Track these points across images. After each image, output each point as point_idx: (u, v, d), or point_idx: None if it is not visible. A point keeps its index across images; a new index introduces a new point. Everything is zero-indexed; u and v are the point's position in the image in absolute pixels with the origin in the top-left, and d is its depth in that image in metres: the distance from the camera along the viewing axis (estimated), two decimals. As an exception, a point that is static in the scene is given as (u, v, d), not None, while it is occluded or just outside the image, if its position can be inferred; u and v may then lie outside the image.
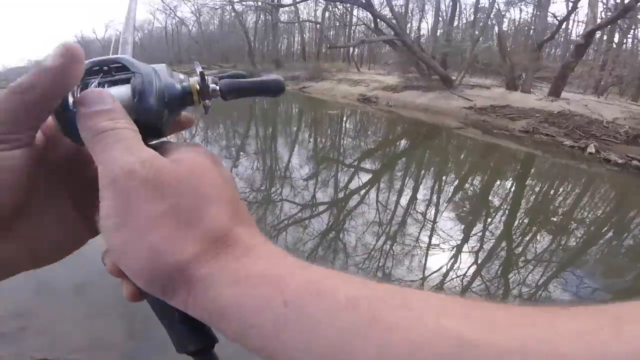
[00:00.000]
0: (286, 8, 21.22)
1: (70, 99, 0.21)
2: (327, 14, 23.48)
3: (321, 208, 3.75)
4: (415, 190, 4.62)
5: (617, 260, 3.03)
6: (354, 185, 4.56)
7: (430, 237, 3.20)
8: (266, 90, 0.27)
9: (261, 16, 25.40)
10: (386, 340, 0.14)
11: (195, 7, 26.93)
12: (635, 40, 15.61)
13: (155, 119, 0.23)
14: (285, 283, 0.16)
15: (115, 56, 0.23)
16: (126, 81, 0.23)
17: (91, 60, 0.23)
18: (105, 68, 0.23)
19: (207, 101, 0.25)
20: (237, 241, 0.18)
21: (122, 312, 2.03)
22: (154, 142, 0.24)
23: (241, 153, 6.22)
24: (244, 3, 21.21)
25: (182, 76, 0.26)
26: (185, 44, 30.19)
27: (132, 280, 0.19)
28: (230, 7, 22.02)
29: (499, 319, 0.13)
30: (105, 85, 0.22)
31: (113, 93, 0.22)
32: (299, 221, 3.41)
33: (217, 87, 0.25)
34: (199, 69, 0.25)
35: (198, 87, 0.25)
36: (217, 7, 22.77)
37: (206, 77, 0.25)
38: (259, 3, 22.79)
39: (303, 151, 6.40)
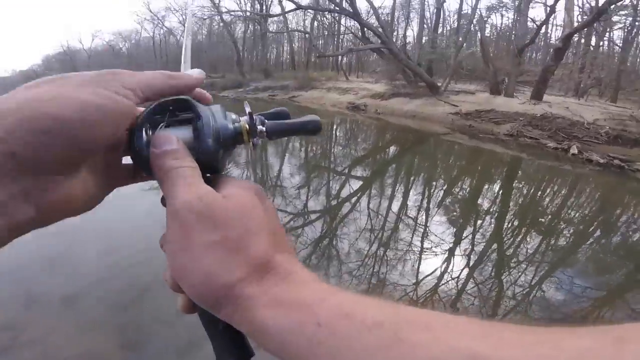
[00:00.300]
0: (275, 18, 21.48)
1: (144, 137, 0.25)
2: (315, 23, 23.80)
3: (313, 216, 3.76)
4: (406, 196, 4.68)
5: (607, 258, 3.10)
6: (345, 192, 4.59)
7: (422, 242, 3.24)
8: (305, 130, 0.30)
9: (250, 26, 25.56)
10: (409, 357, 0.15)
11: (183, 17, 27.02)
12: (611, 42, 16.26)
13: (212, 158, 0.26)
14: (319, 306, 0.19)
15: (179, 97, 0.27)
16: (188, 121, 0.26)
17: (159, 101, 0.27)
18: (170, 108, 0.26)
19: (255, 139, 0.28)
20: (277, 267, 0.22)
21: (115, 323, 2.00)
22: (209, 175, 0.27)
23: (231, 162, 6.20)
24: (232, 13, 21.36)
25: (234, 116, 0.29)
26: (173, 54, 30.03)
27: (189, 295, 0.22)
28: (219, 17, 22.16)
29: (510, 338, 0.15)
30: (170, 125, 0.26)
31: (177, 134, 0.25)
32: (291, 230, 3.42)
33: (264, 129, 0.29)
34: (248, 109, 0.29)
35: (247, 127, 0.28)
36: (205, 17, 22.88)
37: (254, 118, 0.28)
38: (248, 14, 22.99)
39: (294, 160, 6.43)
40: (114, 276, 2.43)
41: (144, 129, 0.25)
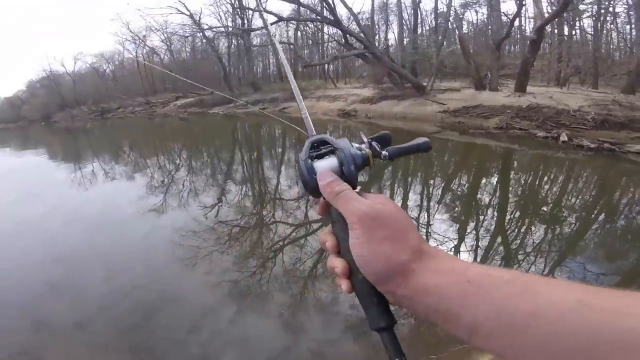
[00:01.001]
0: (258, 31, 21.65)
1: (308, 167, 0.36)
2: (299, 33, 24.05)
3: (316, 226, 3.75)
4: (406, 196, 4.70)
5: (615, 243, 3.10)
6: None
7: (427, 239, 3.25)
8: (419, 150, 0.39)
9: (233, 41, 25.69)
10: (533, 301, 0.23)
11: (165, 35, 26.90)
12: (582, 31, 16.73)
13: (354, 179, 0.36)
14: (466, 271, 0.27)
15: (321, 136, 0.38)
16: (330, 152, 0.37)
17: (310, 140, 0.38)
18: (315, 144, 0.38)
19: (376, 159, 0.38)
20: (427, 251, 0.30)
21: (127, 344, 1.99)
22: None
23: (228, 180, 6.17)
24: (214, 29, 21.49)
25: (357, 145, 0.38)
26: (158, 73, 29.81)
27: (369, 274, 0.31)
28: (201, 34, 22.26)
29: (605, 293, 0.22)
30: (318, 157, 0.37)
31: (329, 164, 0.36)
32: (294, 241, 3.40)
33: (387, 153, 0.38)
34: (365, 139, 0.39)
35: (371, 152, 0.37)
36: (187, 35, 22.98)
37: (373, 144, 0.38)
38: (230, 29, 23.14)
39: (291, 172, 6.42)
40: (119, 299, 2.42)
41: (306, 161, 0.36)
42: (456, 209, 4.16)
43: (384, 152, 0.37)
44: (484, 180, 5.40)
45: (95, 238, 3.69)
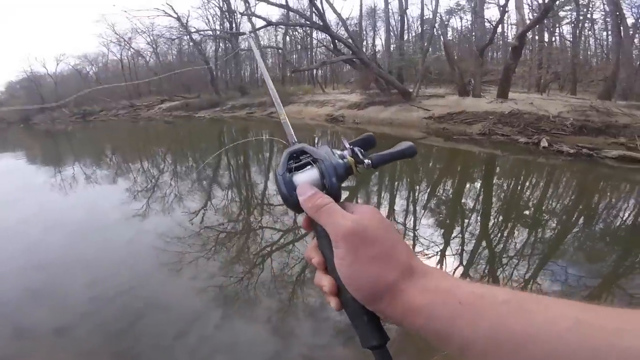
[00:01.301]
0: (246, 35, 21.56)
1: (286, 180, 0.34)
2: (287, 38, 24.07)
3: (304, 230, 3.72)
4: (391, 201, 4.74)
5: (595, 246, 3.19)
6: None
7: (414, 246, 3.28)
8: (405, 155, 0.37)
9: (220, 44, 25.47)
10: (530, 320, 0.23)
11: (151, 38, 26.41)
12: (562, 38, 17.42)
13: (336, 190, 0.34)
14: (457, 291, 0.26)
15: (300, 145, 0.36)
16: (309, 163, 0.35)
17: (288, 150, 0.36)
18: (294, 155, 0.36)
19: (359, 167, 0.36)
20: (417, 268, 0.29)
21: (112, 351, 1.94)
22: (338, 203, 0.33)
23: (214, 185, 6.09)
24: (201, 33, 21.27)
25: (339, 152, 0.36)
26: (143, 76, 29.05)
27: (356, 294, 0.29)
28: (188, 37, 22.00)
29: (603, 311, 0.22)
30: (297, 169, 0.35)
31: (308, 176, 0.34)
32: (282, 246, 3.38)
33: (370, 162, 0.36)
34: (347, 145, 0.37)
35: (354, 160, 0.35)
36: (174, 37, 22.66)
37: (355, 150, 0.36)
38: (217, 32, 22.96)
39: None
40: (103, 306, 2.37)
41: (284, 175, 0.34)
42: (441, 214, 4.22)
43: (366, 161, 0.35)
44: (468, 186, 5.51)
45: (79, 244, 3.58)
